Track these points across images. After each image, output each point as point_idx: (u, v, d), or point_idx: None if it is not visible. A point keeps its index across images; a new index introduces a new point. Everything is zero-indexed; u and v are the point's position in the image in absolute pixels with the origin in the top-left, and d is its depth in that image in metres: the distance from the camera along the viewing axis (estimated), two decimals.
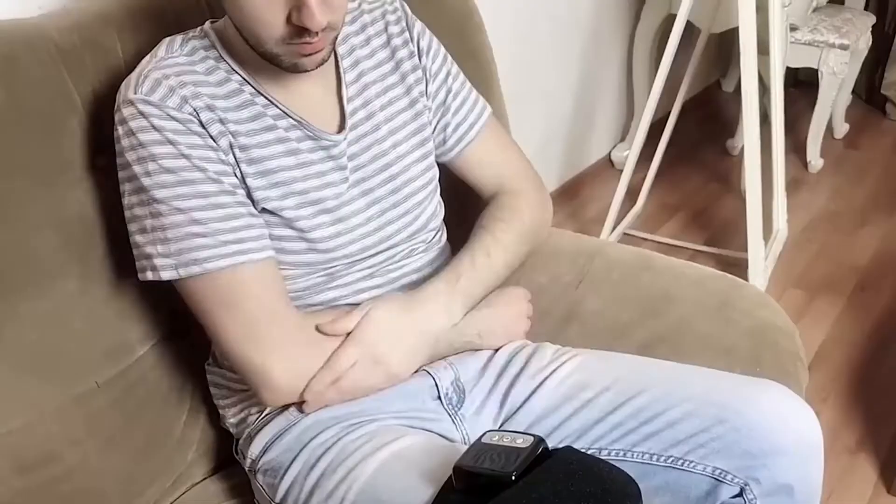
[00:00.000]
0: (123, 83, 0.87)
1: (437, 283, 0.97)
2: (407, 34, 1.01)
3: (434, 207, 1.04)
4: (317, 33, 0.82)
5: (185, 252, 0.84)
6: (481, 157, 1.09)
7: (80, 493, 0.94)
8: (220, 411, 1.03)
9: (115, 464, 0.97)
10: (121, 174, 0.88)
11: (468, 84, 1.08)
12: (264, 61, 0.87)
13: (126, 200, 0.88)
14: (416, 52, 1.02)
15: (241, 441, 1.01)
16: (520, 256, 1.07)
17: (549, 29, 2.31)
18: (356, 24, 1.00)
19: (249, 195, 0.89)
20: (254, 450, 0.98)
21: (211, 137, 0.86)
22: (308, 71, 0.86)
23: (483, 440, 0.79)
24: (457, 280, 0.97)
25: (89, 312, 0.94)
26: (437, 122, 1.05)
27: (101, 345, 0.96)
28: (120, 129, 0.86)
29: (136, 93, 0.84)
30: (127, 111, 0.85)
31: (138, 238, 0.87)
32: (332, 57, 0.95)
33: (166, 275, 0.86)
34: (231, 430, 1.03)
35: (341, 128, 0.95)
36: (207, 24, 0.92)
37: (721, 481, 0.91)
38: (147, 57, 0.89)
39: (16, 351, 0.89)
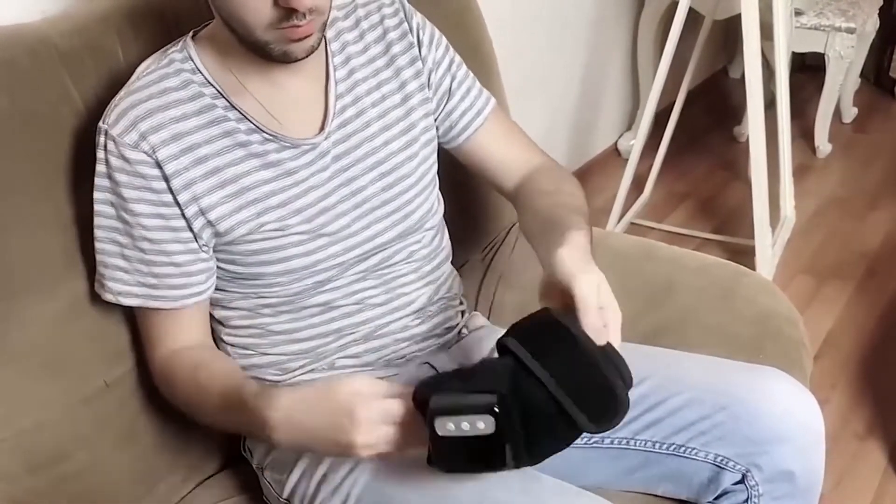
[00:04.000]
0: (108, 104, 0.89)
1: (586, 249, 0.88)
2: (405, 26, 1.00)
3: (429, 206, 1.02)
4: (304, 15, 0.81)
5: (107, 279, 0.90)
6: (490, 142, 1.07)
7: (91, 492, 0.95)
8: None
9: (124, 462, 0.98)
10: None
11: (472, 74, 1.08)
12: (253, 57, 0.87)
13: None
14: (415, 44, 1.00)
15: (248, 438, 1.02)
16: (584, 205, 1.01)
17: (551, 17, 2.30)
18: (349, 19, 0.99)
19: (214, 227, 0.89)
20: (261, 447, 0.99)
21: (164, 177, 0.87)
22: (298, 59, 0.86)
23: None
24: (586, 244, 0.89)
25: (97, 313, 0.95)
26: (442, 109, 1.03)
27: (109, 344, 0.98)
28: (96, 150, 0.89)
29: (104, 122, 0.87)
30: (98, 138, 0.88)
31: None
32: (323, 51, 0.95)
33: (96, 287, 0.93)
34: None
35: (323, 125, 0.94)
36: (189, 36, 0.92)
37: (723, 468, 0.92)
38: (132, 77, 0.90)
39: (25, 352, 0.91)
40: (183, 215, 0.88)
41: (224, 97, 0.89)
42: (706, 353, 1.03)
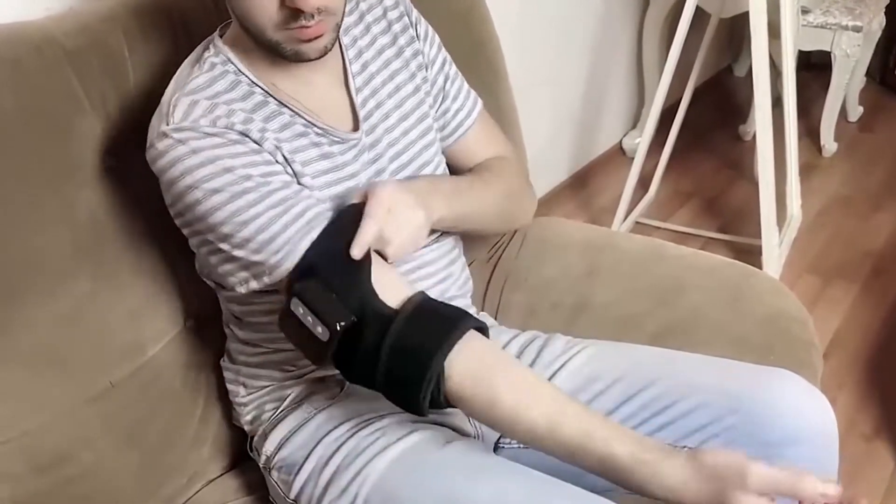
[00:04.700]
0: (154, 118, 0.86)
1: (421, 178, 0.96)
2: (406, 19, 1.01)
3: None
4: (312, 16, 0.81)
5: (265, 262, 0.84)
6: (476, 144, 1.08)
7: (96, 493, 0.95)
8: (235, 409, 1.04)
9: (129, 463, 0.98)
10: (174, 208, 0.87)
11: (460, 73, 1.08)
12: (272, 56, 0.86)
13: (187, 231, 0.88)
14: (416, 38, 1.01)
15: (255, 438, 1.02)
16: (503, 208, 1.06)
17: (556, 16, 2.30)
18: (353, 14, 0.99)
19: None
20: (268, 447, 0.98)
21: (254, 142, 0.85)
22: (311, 59, 0.85)
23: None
24: (441, 181, 0.97)
25: (101, 313, 0.95)
26: (438, 108, 1.04)
27: (114, 345, 0.97)
28: (159, 163, 0.84)
29: (168, 123, 0.83)
30: (162, 144, 0.83)
31: (212, 259, 0.87)
32: (338, 47, 0.94)
33: (255, 284, 0.87)
34: (245, 427, 1.03)
35: (355, 121, 0.94)
36: (217, 38, 0.90)
37: None
38: (170, 87, 0.88)
39: (30, 352, 0.90)
40: (286, 171, 0.87)
41: (272, 96, 0.89)
42: (715, 353, 1.02)
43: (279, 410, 0.99)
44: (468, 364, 0.80)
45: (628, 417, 0.94)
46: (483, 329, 0.84)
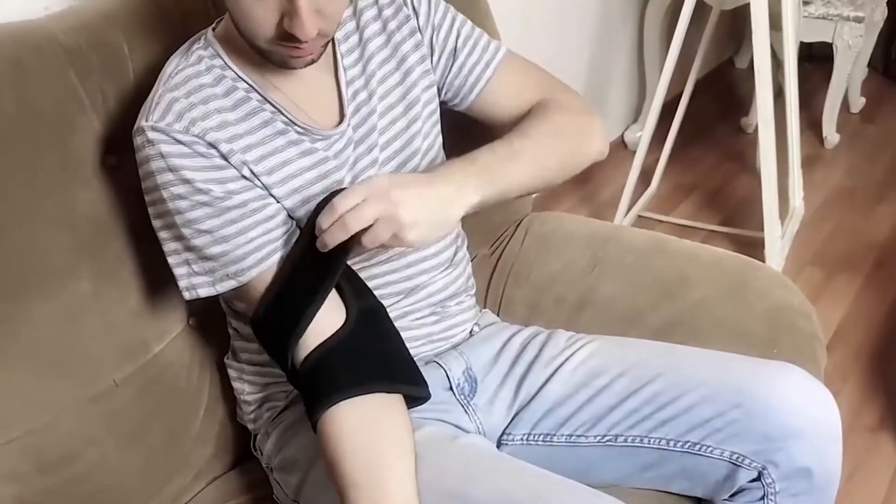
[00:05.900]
0: (142, 108, 0.87)
1: (450, 165, 0.88)
2: (399, 0, 0.99)
3: None
4: (306, 41, 0.81)
5: (217, 269, 0.87)
6: (506, 92, 1.04)
7: (101, 491, 0.95)
8: (240, 406, 1.04)
9: (134, 461, 0.98)
10: (146, 197, 0.88)
11: (478, 29, 1.06)
12: (260, 56, 0.86)
13: (154, 223, 0.89)
14: (412, 15, 0.99)
15: (258, 437, 1.02)
16: (553, 151, 0.98)
17: (557, 10, 2.29)
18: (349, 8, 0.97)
19: (279, 203, 0.89)
20: (270, 446, 0.98)
21: (221, 156, 0.85)
22: (296, 68, 0.86)
23: None
24: (473, 161, 0.88)
25: (104, 312, 0.95)
26: (450, 68, 1.02)
27: (117, 343, 0.97)
28: (137, 156, 0.87)
29: (146, 120, 0.85)
30: (139, 139, 0.85)
31: (170, 259, 0.89)
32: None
33: (204, 292, 0.88)
34: (248, 425, 1.03)
35: (342, 113, 0.94)
36: (210, 32, 0.91)
37: (739, 465, 0.91)
38: (159, 77, 0.88)
39: (33, 352, 0.90)
40: (253, 185, 0.87)
41: (257, 91, 0.89)
42: (719, 347, 1.02)
43: (280, 410, 0.99)
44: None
45: (631, 412, 0.94)
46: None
